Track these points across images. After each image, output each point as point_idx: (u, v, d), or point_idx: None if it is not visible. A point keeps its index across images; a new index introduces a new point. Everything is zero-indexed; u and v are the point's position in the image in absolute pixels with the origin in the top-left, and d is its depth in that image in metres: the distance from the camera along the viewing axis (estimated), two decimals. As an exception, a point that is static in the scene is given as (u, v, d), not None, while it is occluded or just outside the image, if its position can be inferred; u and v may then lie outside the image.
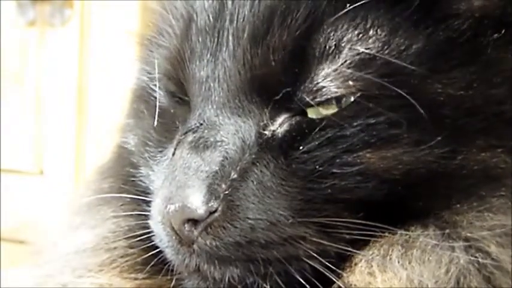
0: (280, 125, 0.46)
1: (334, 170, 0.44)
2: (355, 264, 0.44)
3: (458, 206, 0.44)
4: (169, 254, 0.48)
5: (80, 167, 1.47)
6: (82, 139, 1.47)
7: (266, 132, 0.46)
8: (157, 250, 0.50)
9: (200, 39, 0.48)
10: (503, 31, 0.45)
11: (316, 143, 0.44)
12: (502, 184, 0.44)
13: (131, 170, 0.57)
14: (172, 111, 0.52)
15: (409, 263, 0.42)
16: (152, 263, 0.51)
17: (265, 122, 0.46)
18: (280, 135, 0.45)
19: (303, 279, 0.44)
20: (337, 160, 0.44)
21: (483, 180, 0.44)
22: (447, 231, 0.43)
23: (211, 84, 0.47)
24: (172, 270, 0.50)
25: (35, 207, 1.50)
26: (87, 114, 1.46)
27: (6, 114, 1.54)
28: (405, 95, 0.42)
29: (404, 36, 0.44)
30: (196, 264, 0.46)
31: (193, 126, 0.47)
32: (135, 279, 0.52)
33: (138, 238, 0.51)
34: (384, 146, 0.43)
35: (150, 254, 0.51)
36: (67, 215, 0.61)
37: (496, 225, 0.42)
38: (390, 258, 0.43)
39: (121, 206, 0.56)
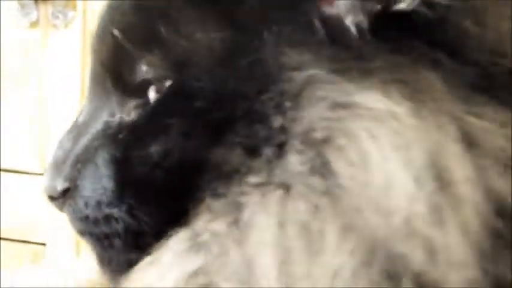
0: (128, 112, 0.49)
1: (134, 155, 0.47)
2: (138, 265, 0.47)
3: (201, 204, 0.45)
4: None
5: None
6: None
7: (114, 119, 0.49)
8: None
9: (93, 38, 0.52)
10: (275, 29, 0.45)
11: (131, 129, 0.48)
12: (236, 183, 0.43)
13: None
14: None
15: (159, 267, 0.45)
16: None
17: (113, 109, 0.49)
18: (127, 121, 0.49)
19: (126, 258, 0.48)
20: (137, 146, 0.47)
21: (221, 177, 0.44)
22: (190, 233, 0.44)
23: (90, 76, 0.52)
24: None
25: (35, 207, 1.51)
26: (88, 116, 1.46)
27: (8, 114, 1.55)
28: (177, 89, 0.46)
29: (206, 29, 0.46)
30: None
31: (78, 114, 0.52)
32: None
33: None
34: (160, 134, 0.46)
35: None
36: None
37: (219, 229, 0.43)
38: (152, 262, 0.45)
39: None
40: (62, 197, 0.49)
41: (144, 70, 0.47)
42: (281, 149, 0.42)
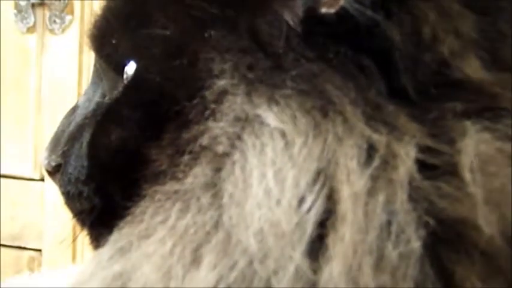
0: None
1: (100, 138, 0.48)
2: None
3: (139, 203, 0.44)
4: None
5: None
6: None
7: (104, 100, 0.49)
8: None
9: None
10: (213, 32, 0.43)
11: (104, 112, 0.48)
12: (160, 186, 0.43)
13: None
14: None
15: (97, 263, 0.44)
16: None
17: (105, 91, 0.49)
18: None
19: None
20: (104, 130, 0.47)
21: (152, 178, 0.44)
22: (126, 232, 0.44)
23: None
24: None
25: (35, 214, 1.50)
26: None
27: (6, 120, 1.54)
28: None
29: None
30: None
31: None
32: None
33: None
34: (119, 121, 0.46)
35: None
36: None
37: (136, 233, 0.42)
38: (99, 253, 0.45)
39: None
40: (57, 172, 0.51)
41: (115, 45, 0.47)
42: (194, 159, 0.41)
